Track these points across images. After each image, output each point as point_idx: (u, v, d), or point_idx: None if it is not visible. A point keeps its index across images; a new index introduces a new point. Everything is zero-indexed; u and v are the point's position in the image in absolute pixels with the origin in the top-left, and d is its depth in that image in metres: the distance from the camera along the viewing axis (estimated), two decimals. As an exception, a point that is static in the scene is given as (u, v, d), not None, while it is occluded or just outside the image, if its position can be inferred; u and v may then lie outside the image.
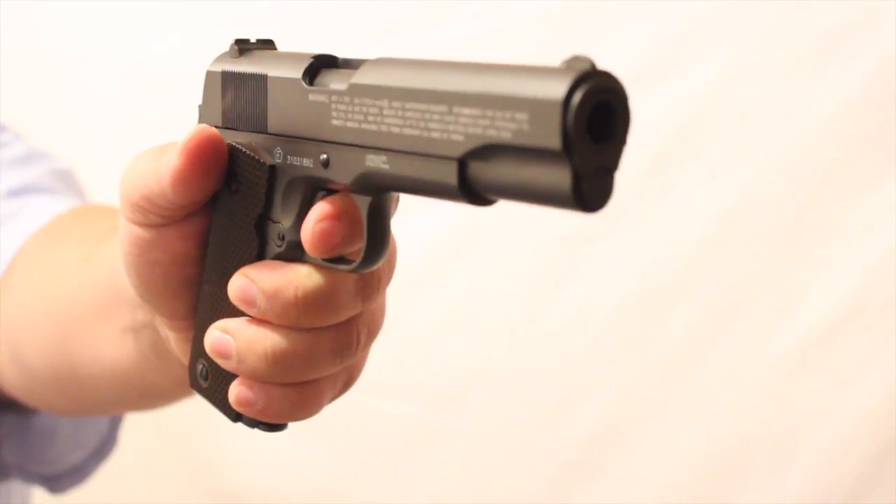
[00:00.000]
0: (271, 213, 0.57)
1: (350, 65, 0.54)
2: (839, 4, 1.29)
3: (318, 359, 0.55)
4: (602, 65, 0.44)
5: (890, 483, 1.32)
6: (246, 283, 0.55)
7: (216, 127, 0.60)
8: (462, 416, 1.45)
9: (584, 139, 0.43)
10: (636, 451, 1.40)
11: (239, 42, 0.59)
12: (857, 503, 1.33)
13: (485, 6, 1.39)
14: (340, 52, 0.56)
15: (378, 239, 0.54)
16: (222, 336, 0.56)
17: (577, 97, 0.43)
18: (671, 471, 1.39)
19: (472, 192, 0.48)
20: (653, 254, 1.38)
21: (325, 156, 0.53)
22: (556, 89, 0.43)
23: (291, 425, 0.59)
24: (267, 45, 0.60)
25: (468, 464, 1.46)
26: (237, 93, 0.59)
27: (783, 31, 1.31)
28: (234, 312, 0.57)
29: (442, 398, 1.46)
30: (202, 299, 0.60)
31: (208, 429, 1.53)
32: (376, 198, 0.53)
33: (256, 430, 0.60)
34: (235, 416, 0.59)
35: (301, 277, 0.54)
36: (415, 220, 1.38)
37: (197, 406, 0.92)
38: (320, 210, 0.54)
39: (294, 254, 0.56)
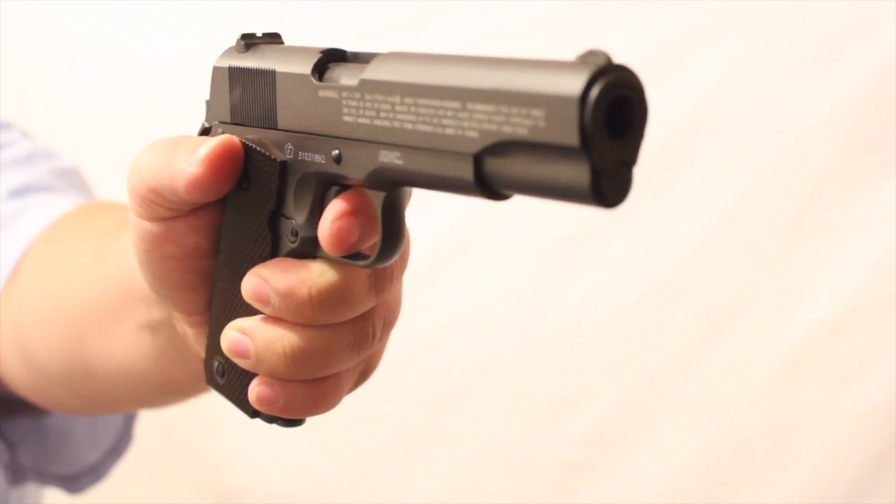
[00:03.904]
0: (283, 210, 0.56)
1: (359, 59, 0.53)
2: (839, 4, 1.28)
3: (336, 354, 0.55)
4: (618, 59, 0.44)
5: (890, 483, 1.32)
6: (259, 282, 0.55)
7: (224, 123, 0.60)
8: (462, 416, 1.45)
9: (602, 135, 0.43)
10: (636, 451, 1.40)
11: (245, 37, 0.59)
12: (857, 503, 1.33)
13: (485, 6, 1.39)
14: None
15: (394, 233, 0.54)
16: (239, 336, 0.56)
17: (594, 93, 0.42)
18: (671, 471, 1.39)
19: (489, 187, 0.47)
20: (653, 254, 1.38)
21: (336, 151, 0.53)
22: (573, 85, 0.43)
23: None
24: (273, 39, 0.59)
25: (468, 464, 1.46)
26: (245, 88, 0.58)
27: (783, 30, 1.31)
28: (249, 309, 0.56)
29: (442, 398, 1.46)
30: (216, 296, 0.60)
31: (210, 429, 1.53)
32: (390, 193, 0.53)
33: (257, 430, 0.59)
34: (253, 413, 0.59)
35: (314, 276, 0.54)
36: (415, 219, 1.37)
37: (198, 406, 0.92)
38: (337, 208, 0.53)
39: (308, 250, 0.56)
